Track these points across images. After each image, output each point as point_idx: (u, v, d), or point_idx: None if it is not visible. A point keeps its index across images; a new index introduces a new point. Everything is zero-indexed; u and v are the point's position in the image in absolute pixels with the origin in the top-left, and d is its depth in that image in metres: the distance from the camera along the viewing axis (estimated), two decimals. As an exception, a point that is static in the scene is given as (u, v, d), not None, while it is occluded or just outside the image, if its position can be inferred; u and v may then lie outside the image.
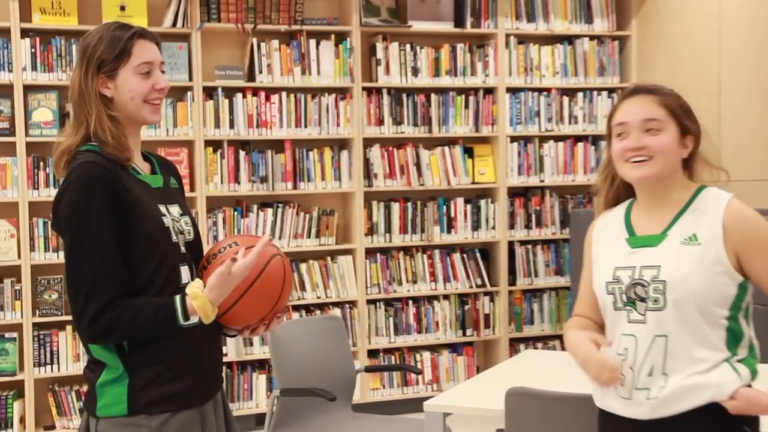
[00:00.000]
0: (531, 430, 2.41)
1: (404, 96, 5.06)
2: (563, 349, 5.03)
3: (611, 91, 5.40)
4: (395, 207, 5.03)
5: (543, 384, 2.46)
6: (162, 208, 1.90)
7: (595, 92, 5.37)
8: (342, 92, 4.97)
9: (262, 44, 4.77)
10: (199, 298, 1.81)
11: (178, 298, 1.83)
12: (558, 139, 5.30)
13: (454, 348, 5.14)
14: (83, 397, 3.33)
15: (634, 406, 1.90)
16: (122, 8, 4.55)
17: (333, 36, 4.93)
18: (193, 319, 1.82)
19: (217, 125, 4.69)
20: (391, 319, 5.05)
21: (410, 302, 5.10)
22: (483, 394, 2.91)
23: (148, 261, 1.84)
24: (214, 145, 4.71)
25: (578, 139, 5.35)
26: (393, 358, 5.11)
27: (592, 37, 5.36)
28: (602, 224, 2.03)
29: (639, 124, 1.87)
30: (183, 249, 1.93)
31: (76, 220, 1.81)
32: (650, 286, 1.81)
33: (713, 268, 1.79)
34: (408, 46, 5.07)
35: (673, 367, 1.87)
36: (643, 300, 1.82)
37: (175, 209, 1.95)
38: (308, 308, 4.94)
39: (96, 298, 1.78)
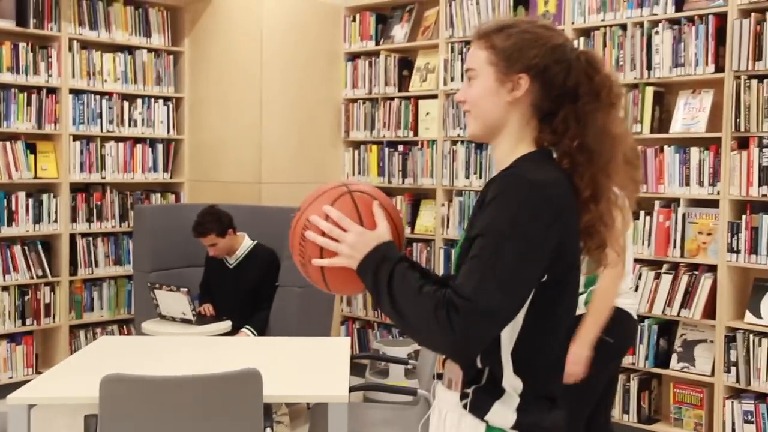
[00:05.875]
0: (125, 413, 2.29)
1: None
2: (122, 333, 4.99)
3: (167, 99, 5.28)
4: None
5: (127, 369, 2.32)
6: None
7: (152, 99, 5.25)
8: None
9: None
10: None
11: None
12: (118, 140, 5.11)
13: (12, 338, 4.65)
14: None
15: None
16: None
17: None
18: None
19: None
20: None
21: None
22: (71, 383, 2.60)
23: None
24: None
25: (137, 141, 5.22)
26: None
27: (150, 50, 5.22)
28: None
29: None
30: None
31: None
32: None
33: None
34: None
35: None
36: None
37: None
38: None
39: None
